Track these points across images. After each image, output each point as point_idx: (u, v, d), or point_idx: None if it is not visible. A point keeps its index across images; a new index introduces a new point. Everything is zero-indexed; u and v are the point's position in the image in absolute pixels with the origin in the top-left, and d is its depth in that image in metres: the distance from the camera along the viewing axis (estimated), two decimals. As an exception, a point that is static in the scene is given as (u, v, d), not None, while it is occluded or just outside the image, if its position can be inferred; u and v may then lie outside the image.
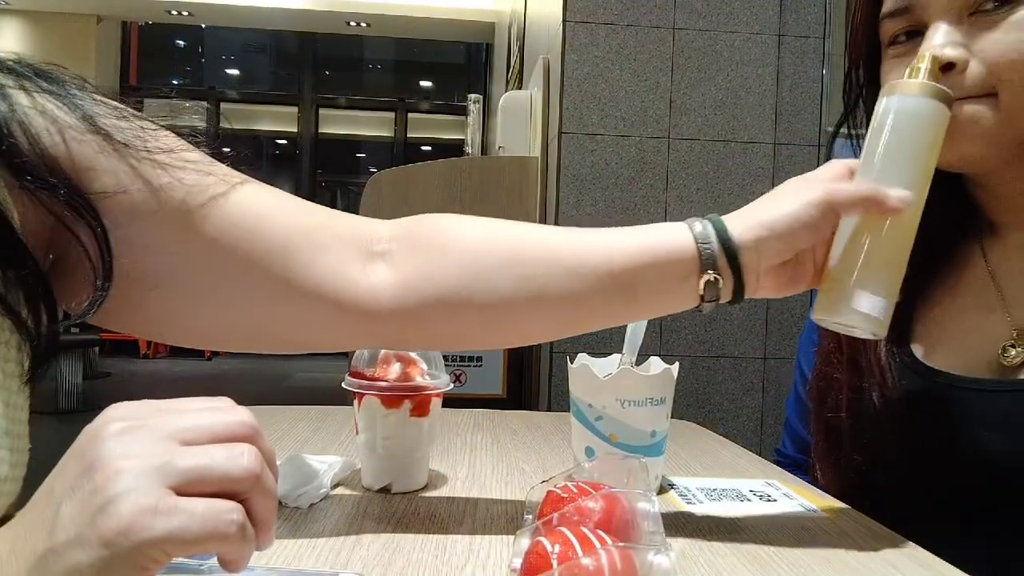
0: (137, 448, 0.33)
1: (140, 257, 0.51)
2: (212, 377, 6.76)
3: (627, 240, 0.57)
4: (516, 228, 0.60)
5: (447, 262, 0.57)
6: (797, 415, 0.88)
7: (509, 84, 3.91)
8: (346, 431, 0.91)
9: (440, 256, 0.57)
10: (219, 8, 7.07)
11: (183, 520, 0.31)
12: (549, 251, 0.58)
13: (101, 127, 0.49)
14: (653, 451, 0.68)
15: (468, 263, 0.57)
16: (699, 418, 1.82)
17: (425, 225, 0.60)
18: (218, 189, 0.53)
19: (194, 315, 0.55)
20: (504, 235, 0.59)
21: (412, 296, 0.56)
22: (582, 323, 0.59)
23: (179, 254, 0.52)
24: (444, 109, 9.16)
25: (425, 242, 0.58)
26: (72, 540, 0.31)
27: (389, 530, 0.59)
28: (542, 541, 0.42)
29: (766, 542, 0.59)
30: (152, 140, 0.51)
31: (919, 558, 0.57)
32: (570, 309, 0.58)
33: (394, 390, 0.67)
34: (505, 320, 0.58)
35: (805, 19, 1.93)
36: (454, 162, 2.12)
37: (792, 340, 1.95)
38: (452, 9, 6.73)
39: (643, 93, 1.91)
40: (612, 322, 0.61)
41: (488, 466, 0.79)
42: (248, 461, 0.34)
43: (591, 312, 0.58)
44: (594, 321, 0.59)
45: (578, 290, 0.57)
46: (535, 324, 0.59)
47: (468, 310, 0.57)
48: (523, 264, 0.57)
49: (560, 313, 0.58)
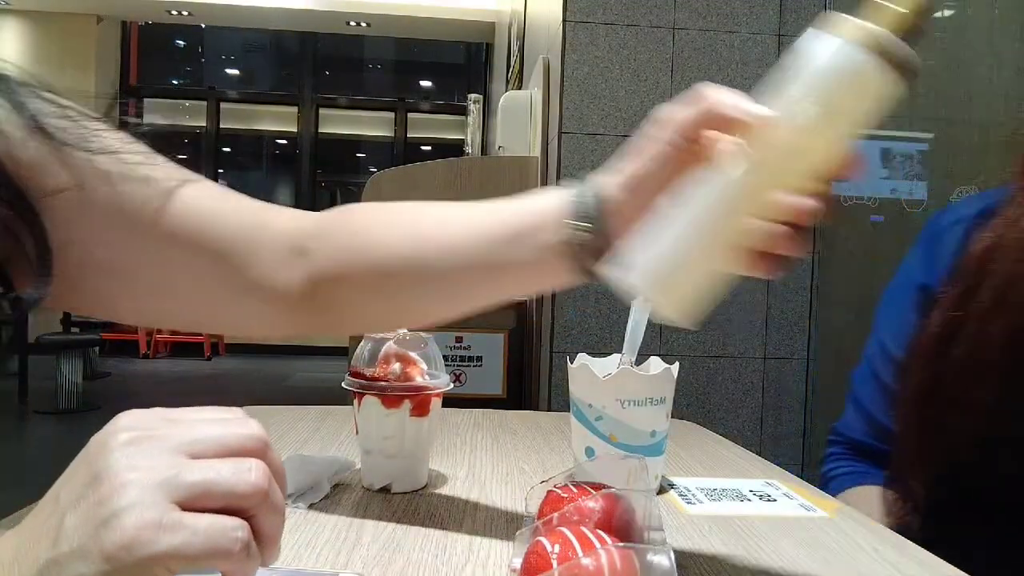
0: (144, 460, 0.33)
1: (89, 251, 0.53)
2: (212, 377, 6.75)
3: (506, 205, 0.58)
4: (416, 210, 0.61)
5: (353, 256, 0.60)
6: (870, 396, 0.82)
7: (509, 84, 3.91)
8: (346, 431, 0.91)
9: (347, 249, 0.60)
10: (219, 8, 7.06)
11: (186, 536, 0.31)
12: (439, 228, 0.59)
13: (46, 127, 0.50)
14: (653, 451, 0.68)
15: (371, 252, 0.59)
16: (699, 418, 1.82)
17: (340, 218, 0.62)
18: (158, 192, 0.55)
19: (140, 301, 0.58)
20: (403, 219, 0.61)
21: (324, 287, 0.59)
22: (469, 297, 0.60)
23: (124, 251, 0.55)
24: (444, 109, 9.15)
25: (336, 235, 0.61)
26: (75, 552, 0.31)
27: (389, 530, 0.59)
28: (542, 541, 0.42)
29: (766, 542, 0.59)
30: (96, 141, 0.52)
31: (919, 558, 0.57)
32: (450, 286, 0.59)
33: (394, 390, 0.67)
34: (407, 303, 0.60)
35: (805, 19, 1.92)
36: (454, 162, 2.12)
37: (792, 340, 1.95)
38: (452, 9, 6.73)
39: (643, 93, 1.91)
40: (501, 289, 0.59)
41: (488, 466, 0.79)
42: (256, 477, 0.34)
43: (474, 280, 0.59)
44: (480, 292, 0.59)
45: (455, 265, 0.57)
46: (432, 305, 0.60)
47: (373, 297, 0.60)
48: (416, 247, 0.59)
49: (445, 290, 0.59)
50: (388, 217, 0.61)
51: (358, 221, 0.62)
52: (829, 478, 0.87)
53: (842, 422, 0.87)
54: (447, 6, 6.70)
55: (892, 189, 2.04)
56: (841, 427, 0.87)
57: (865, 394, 0.84)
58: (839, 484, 0.85)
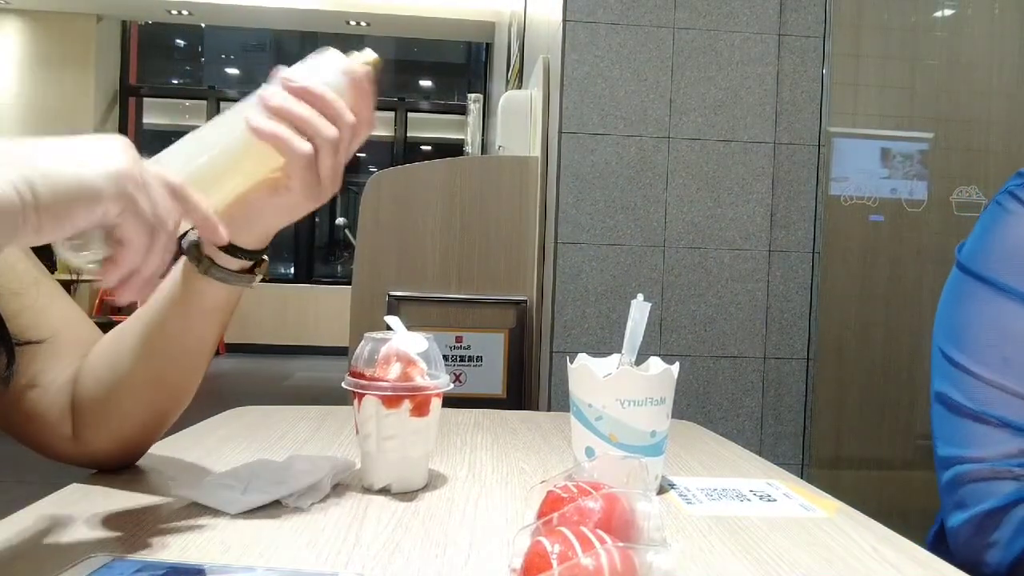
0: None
1: None
2: (212, 377, 6.74)
3: None
4: (117, 332, 0.69)
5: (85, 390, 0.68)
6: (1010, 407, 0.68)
7: (509, 84, 3.91)
8: (346, 431, 0.91)
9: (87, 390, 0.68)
10: (219, 8, 7.06)
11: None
12: (133, 336, 0.67)
13: None
14: (653, 451, 0.68)
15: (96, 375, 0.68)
16: (699, 418, 1.82)
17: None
18: None
19: None
20: (109, 347, 0.69)
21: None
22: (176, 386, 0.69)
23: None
24: (444, 109, 9.14)
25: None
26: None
27: (389, 530, 0.58)
28: (542, 541, 0.42)
29: (766, 542, 0.59)
30: None
31: (919, 558, 0.57)
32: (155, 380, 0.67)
33: (394, 390, 0.67)
34: (123, 406, 0.67)
35: (805, 19, 1.93)
36: (454, 162, 2.12)
37: (792, 340, 1.95)
38: (452, 9, 6.72)
39: (643, 93, 1.91)
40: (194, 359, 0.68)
41: (488, 466, 0.79)
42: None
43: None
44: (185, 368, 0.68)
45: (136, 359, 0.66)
46: (144, 405, 0.68)
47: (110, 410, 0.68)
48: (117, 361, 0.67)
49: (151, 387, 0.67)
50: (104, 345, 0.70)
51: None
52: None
53: (986, 448, 0.69)
54: (447, 6, 6.70)
55: (892, 189, 2.04)
56: (996, 459, 0.69)
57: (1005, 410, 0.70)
58: None
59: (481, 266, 2.08)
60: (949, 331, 0.76)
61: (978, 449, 0.71)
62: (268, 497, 0.62)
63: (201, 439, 0.85)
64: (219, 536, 0.55)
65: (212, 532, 0.56)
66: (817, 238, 1.95)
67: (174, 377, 0.67)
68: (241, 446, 0.82)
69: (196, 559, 0.51)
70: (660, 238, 1.92)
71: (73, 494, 0.64)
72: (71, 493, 0.64)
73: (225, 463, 0.74)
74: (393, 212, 2.06)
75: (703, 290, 1.92)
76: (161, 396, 0.68)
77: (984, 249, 0.76)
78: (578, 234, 1.90)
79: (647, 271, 1.92)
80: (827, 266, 1.97)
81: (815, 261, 1.95)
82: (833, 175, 1.99)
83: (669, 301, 1.92)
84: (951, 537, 0.73)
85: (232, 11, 7.09)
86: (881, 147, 2.05)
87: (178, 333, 0.65)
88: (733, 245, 1.92)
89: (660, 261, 1.92)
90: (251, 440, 0.85)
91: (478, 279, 2.07)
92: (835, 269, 1.99)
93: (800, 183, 1.93)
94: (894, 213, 2.04)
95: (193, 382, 0.69)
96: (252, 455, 0.78)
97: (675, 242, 1.92)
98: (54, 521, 0.57)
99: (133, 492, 0.65)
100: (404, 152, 8.88)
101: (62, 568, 0.47)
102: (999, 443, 0.69)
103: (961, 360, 0.73)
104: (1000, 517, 0.69)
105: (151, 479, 0.70)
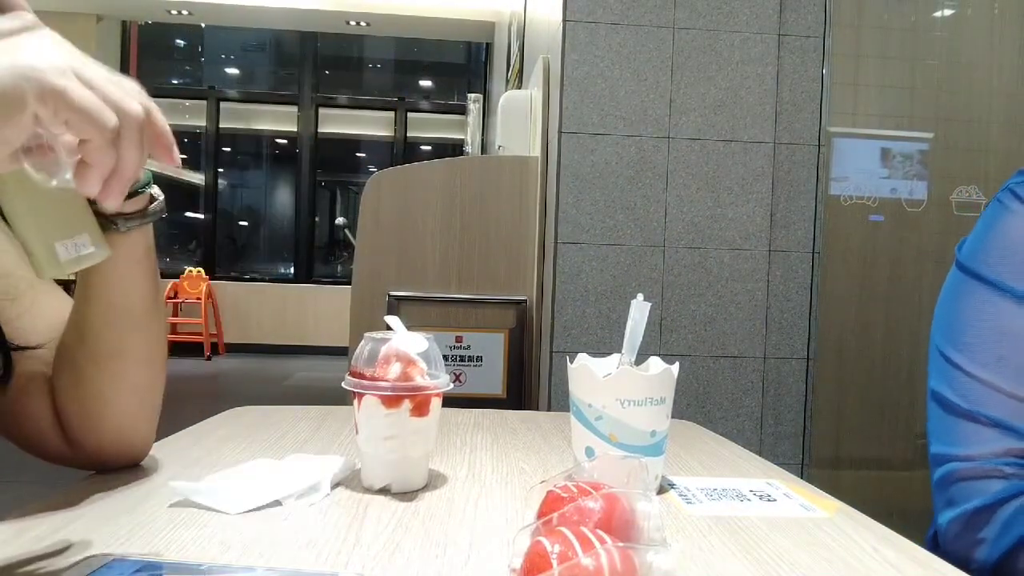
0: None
1: None
2: (212, 377, 6.75)
3: None
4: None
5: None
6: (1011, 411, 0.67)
7: (509, 84, 3.91)
8: (346, 431, 0.91)
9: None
10: (219, 8, 7.06)
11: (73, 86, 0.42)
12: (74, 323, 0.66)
13: None
14: (653, 451, 0.68)
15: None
16: (699, 418, 1.82)
17: None
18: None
19: None
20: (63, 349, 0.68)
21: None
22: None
23: None
24: (444, 109, 9.14)
25: None
26: None
27: (389, 530, 0.58)
28: (542, 541, 0.42)
29: (766, 542, 0.59)
30: None
31: (919, 558, 0.57)
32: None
33: (394, 390, 0.67)
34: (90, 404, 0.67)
35: (805, 19, 1.93)
36: (454, 162, 2.12)
37: (792, 340, 1.95)
38: (452, 9, 6.73)
39: (643, 93, 1.91)
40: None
41: (488, 466, 0.79)
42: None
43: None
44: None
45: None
46: (115, 385, 0.68)
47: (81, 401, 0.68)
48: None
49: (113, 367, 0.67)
50: None
51: None
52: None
53: (1002, 459, 0.69)
54: (447, 6, 6.70)
55: (892, 189, 2.04)
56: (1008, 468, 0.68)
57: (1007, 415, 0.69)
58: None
59: (481, 266, 2.08)
60: (946, 329, 0.77)
61: (969, 448, 0.71)
62: (268, 497, 0.62)
63: (201, 439, 0.85)
64: (219, 536, 0.55)
65: (212, 532, 0.56)
66: (817, 238, 1.95)
67: (120, 342, 0.66)
68: (241, 446, 0.82)
69: (196, 559, 0.51)
70: (660, 238, 1.92)
71: (73, 494, 0.64)
72: (71, 493, 0.64)
73: (225, 463, 0.74)
74: (393, 212, 2.06)
75: (703, 290, 1.92)
76: (125, 366, 0.67)
77: (984, 247, 0.77)
78: (578, 234, 1.90)
79: (647, 271, 1.92)
80: (827, 266, 1.97)
81: (815, 261, 1.95)
82: (833, 175, 1.99)
83: (669, 301, 1.92)
84: (941, 534, 0.73)
85: (232, 11, 7.09)
86: (881, 147, 2.05)
87: (103, 295, 0.64)
88: (733, 245, 1.92)
89: (660, 261, 1.92)
90: (251, 440, 0.85)
91: (478, 279, 2.08)
92: (835, 269, 1.99)
93: (800, 183, 1.93)
94: (894, 213, 2.04)
95: (141, 344, 0.67)
96: (252, 455, 0.78)
97: (675, 242, 1.92)
98: (54, 521, 0.57)
99: (133, 492, 0.65)
100: (404, 152, 8.88)
101: (62, 568, 0.47)
102: (989, 442, 0.70)
103: (957, 358, 0.74)
104: (988, 515, 0.69)
105: (151, 479, 0.70)
